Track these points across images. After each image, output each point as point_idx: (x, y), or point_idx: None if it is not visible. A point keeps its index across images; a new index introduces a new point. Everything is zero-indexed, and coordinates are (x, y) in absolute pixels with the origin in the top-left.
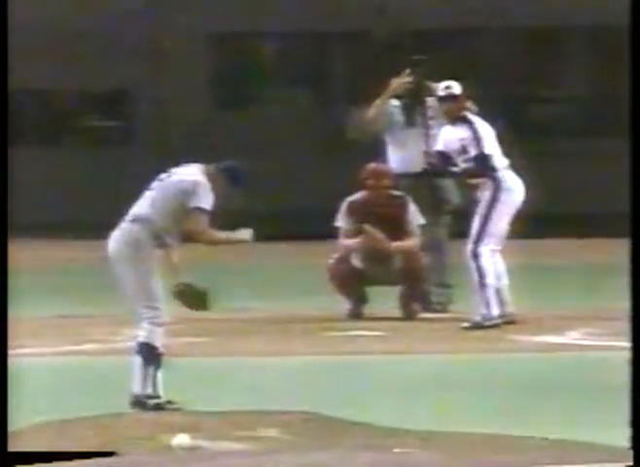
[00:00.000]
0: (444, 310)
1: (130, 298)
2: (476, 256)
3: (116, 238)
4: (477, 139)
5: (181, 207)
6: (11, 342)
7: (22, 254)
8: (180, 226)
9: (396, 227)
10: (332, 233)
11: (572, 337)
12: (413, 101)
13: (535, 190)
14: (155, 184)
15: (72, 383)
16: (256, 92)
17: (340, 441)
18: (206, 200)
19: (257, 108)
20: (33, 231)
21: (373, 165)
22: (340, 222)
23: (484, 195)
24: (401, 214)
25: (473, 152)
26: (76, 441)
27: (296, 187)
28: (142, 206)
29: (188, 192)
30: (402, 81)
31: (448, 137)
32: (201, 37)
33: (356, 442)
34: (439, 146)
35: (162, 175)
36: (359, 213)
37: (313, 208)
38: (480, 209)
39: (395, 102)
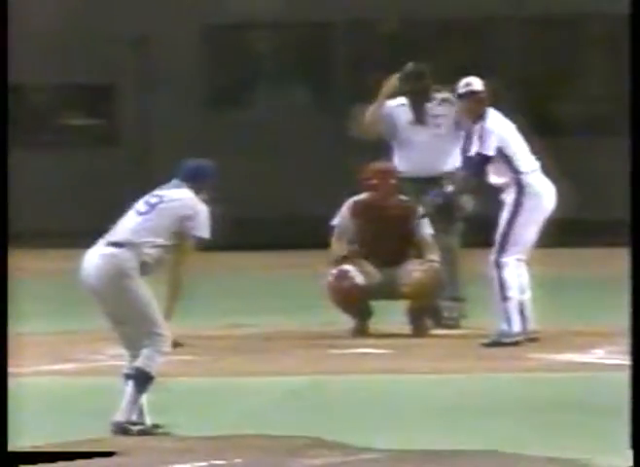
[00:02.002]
0: (456, 326)
1: (127, 329)
2: (498, 267)
3: (98, 266)
4: (483, 137)
5: (179, 235)
6: None
7: None
8: (169, 252)
9: (403, 235)
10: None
11: (597, 355)
12: (421, 98)
13: (562, 194)
14: (144, 207)
15: (52, 405)
16: (250, 89)
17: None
18: (206, 229)
19: (251, 106)
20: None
21: (376, 164)
22: (339, 220)
23: (508, 200)
24: (409, 220)
25: (474, 150)
26: None
27: (295, 190)
28: (129, 230)
29: (189, 220)
30: (393, 82)
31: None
32: (193, 29)
33: None
34: (476, 147)
35: (153, 199)
36: (363, 215)
37: (310, 214)
38: (503, 216)
39: (401, 100)
